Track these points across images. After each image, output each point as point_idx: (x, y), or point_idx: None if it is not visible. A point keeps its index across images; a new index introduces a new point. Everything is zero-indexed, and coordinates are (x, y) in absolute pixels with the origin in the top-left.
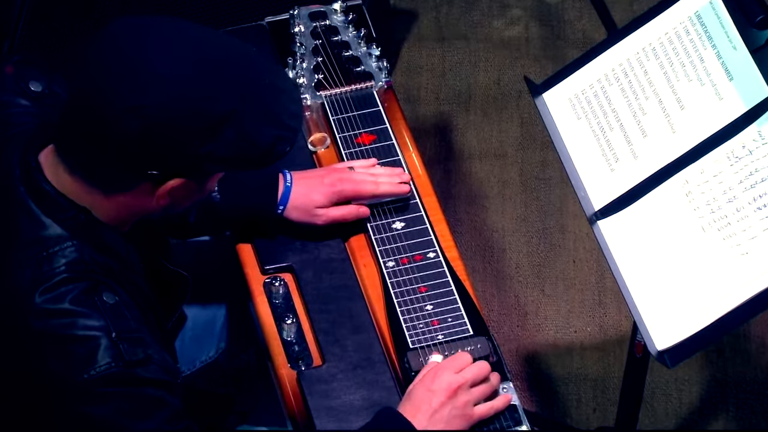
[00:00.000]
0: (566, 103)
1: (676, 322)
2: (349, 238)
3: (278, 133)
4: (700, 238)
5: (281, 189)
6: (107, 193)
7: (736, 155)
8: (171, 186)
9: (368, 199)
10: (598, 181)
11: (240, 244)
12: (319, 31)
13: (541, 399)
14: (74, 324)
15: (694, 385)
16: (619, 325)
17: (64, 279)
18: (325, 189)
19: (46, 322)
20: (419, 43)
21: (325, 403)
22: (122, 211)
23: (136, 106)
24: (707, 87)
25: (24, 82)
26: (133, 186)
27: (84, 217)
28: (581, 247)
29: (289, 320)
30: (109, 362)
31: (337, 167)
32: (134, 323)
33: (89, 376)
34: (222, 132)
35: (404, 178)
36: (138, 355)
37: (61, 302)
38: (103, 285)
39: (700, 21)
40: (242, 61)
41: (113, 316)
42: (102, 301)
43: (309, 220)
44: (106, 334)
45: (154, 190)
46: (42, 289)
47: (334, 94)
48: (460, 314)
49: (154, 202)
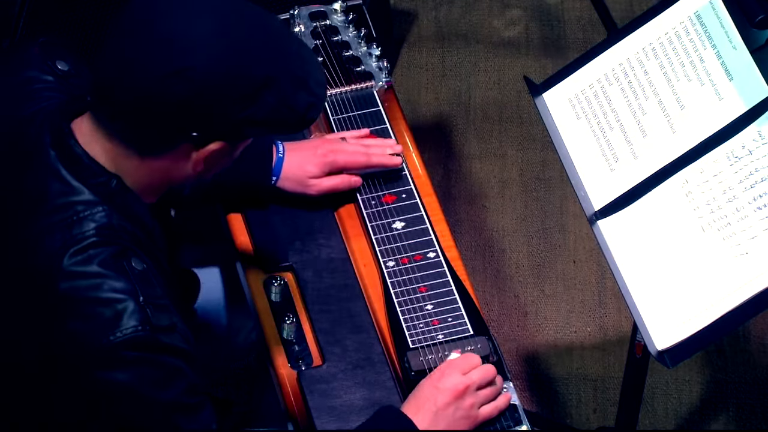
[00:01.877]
0: (566, 103)
1: (675, 322)
2: (350, 237)
3: (310, 99)
4: (699, 238)
5: (274, 160)
6: (144, 156)
7: (736, 155)
8: (210, 150)
9: (360, 170)
10: (598, 181)
11: (240, 241)
12: (319, 30)
13: (541, 399)
14: (102, 286)
15: (694, 385)
16: (619, 326)
17: (93, 243)
18: (318, 159)
19: (74, 284)
20: (419, 43)
21: (325, 403)
22: (156, 177)
23: (181, 68)
24: (707, 87)
25: (51, 60)
26: (172, 148)
27: (115, 184)
28: (581, 247)
29: (289, 320)
30: (136, 326)
31: (328, 137)
32: (161, 290)
33: (115, 338)
34: (262, 96)
35: (396, 149)
36: (164, 321)
37: (90, 264)
38: (131, 251)
39: (700, 21)
40: (275, 28)
41: (141, 281)
42: (130, 266)
43: (302, 191)
44: (133, 298)
45: (192, 153)
46: (71, 252)
47: (334, 94)
48: (460, 314)
49: (190, 166)
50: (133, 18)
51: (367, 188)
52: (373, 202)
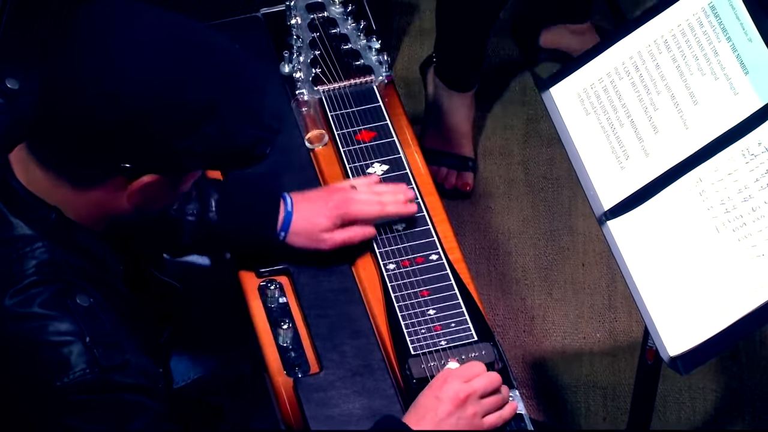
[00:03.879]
0: (574, 98)
1: (689, 326)
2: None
3: (259, 133)
4: (714, 238)
5: (282, 215)
6: (77, 187)
7: (752, 152)
8: (144, 182)
9: (374, 220)
10: (608, 179)
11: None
12: (316, 23)
13: (548, 407)
14: (46, 328)
15: (708, 393)
16: (630, 331)
17: (34, 282)
18: (329, 212)
19: (17, 327)
20: (421, 36)
21: (323, 412)
22: (93, 209)
23: (115, 93)
24: (721, 81)
25: (1, 78)
26: (104, 179)
27: (54, 217)
28: (591, 248)
29: (285, 325)
30: (84, 369)
31: (338, 187)
32: (110, 326)
33: (62, 384)
34: (201, 127)
35: (409, 195)
36: (114, 361)
37: (31, 306)
38: (76, 287)
39: (714, 12)
40: (225, 56)
41: (87, 320)
42: (75, 304)
43: (313, 246)
44: (79, 339)
45: (126, 185)
46: (12, 292)
47: (333, 89)
48: (464, 319)
49: (125, 199)
50: (74, 39)
51: None
52: None
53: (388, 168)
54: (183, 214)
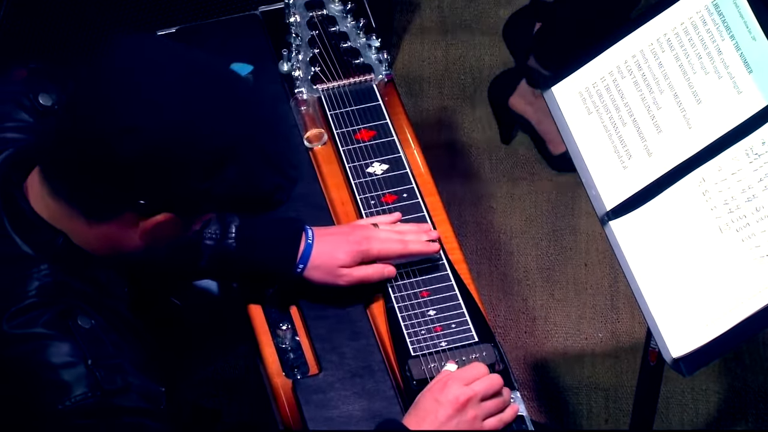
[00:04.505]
0: (576, 97)
1: (692, 328)
2: None
3: (279, 180)
4: (717, 239)
5: (302, 246)
6: (89, 220)
7: (756, 152)
8: (157, 221)
9: (395, 260)
10: (610, 179)
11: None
12: (315, 21)
13: (550, 409)
14: (48, 349)
15: (711, 394)
16: (633, 332)
17: (35, 303)
18: (350, 247)
19: (18, 349)
20: (421, 33)
21: (322, 414)
22: (102, 242)
23: (136, 127)
24: (725, 80)
25: (34, 93)
26: (117, 214)
27: (62, 241)
28: (593, 249)
29: (284, 326)
30: (86, 392)
31: (360, 224)
32: (112, 348)
33: (64, 407)
34: (223, 170)
35: (432, 235)
36: (116, 384)
37: (33, 326)
38: (78, 309)
39: (718, 10)
40: (250, 101)
41: (89, 342)
42: (76, 326)
43: (331, 281)
44: (81, 361)
45: (139, 222)
46: (12, 312)
47: (332, 87)
48: (465, 320)
49: (136, 237)
50: (98, 70)
51: (366, 187)
52: (373, 202)
53: (388, 167)
54: (201, 238)
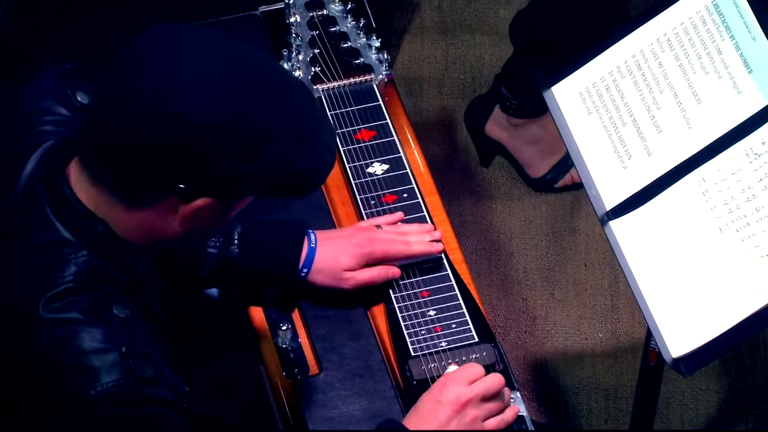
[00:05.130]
0: (576, 97)
1: (692, 328)
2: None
3: (314, 163)
4: (717, 239)
5: (305, 250)
6: (129, 206)
7: (756, 152)
8: (197, 206)
9: (399, 261)
10: (610, 179)
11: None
12: (315, 21)
13: (550, 409)
14: (81, 335)
15: (711, 394)
16: (633, 332)
17: (71, 289)
18: (353, 250)
19: (52, 333)
20: (421, 33)
21: (322, 414)
22: (142, 230)
23: (175, 111)
24: (725, 80)
25: (72, 90)
26: (157, 200)
27: (102, 229)
28: (593, 249)
29: (284, 326)
30: (118, 378)
31: (362, 226)
32: (145, 339)
33: (96, 393)
34: (261, 152)
35: (435, 235)
36: (148, 373)
37: (68, 312)
38: (113, 297)
39: (718, 10)
40: (286, 84)
41: (123, 330)
42: (112, 314)
43: (335, 284)
44: (115, 348)
45: (179, 208)
46: (48, 297)
47: (332, 87)
48: (465, 320)
49: (177, 223)
50: (134, 52)
51: (366, 188)
52: (373, 202)
53: (388, 167)
54: (205, 246)
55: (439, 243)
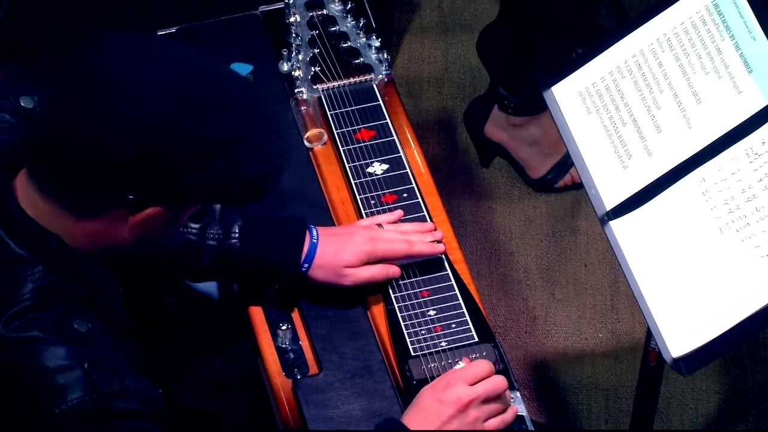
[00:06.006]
0: (576, 97)
1: (692, 328)
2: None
3: (265, 168)
4: (717, 239)
5: (307, 245)
6: (79, 217)
7: (756, 152)
8: (147, 215)
9: (400, 260)
10: (610, 179)
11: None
12: (315, 21)
13: (549, 409)
14: (43, 353)
15: (711, 394)
16: (633, 332)
17: (30, 306)
18: (355, 248)
19: (15, 352)
20: (421, 33)
21: (322, 414)
22: (92, 239)
23: (124, 124)
24: (725, 80)
25: (15, 96)
26: (106, 210)
27: (54, 243)
28: (593, 249)
29: (284, 326)
30: (82, 396)
31: (364, 224)
32: (108, 351)
33: (60, 411)
34: (211, 161)
35: (437, 235)
36: (113, 387)
37: (29, 330)
38: (74, 312)
39: (717, 10)
40: (236, 92)
41: (85, 345)
42: (72, 329)
43: (335, 281)
44: (78, 365)
45: (128, 217)
46: (8, 316)
47: (332, 87)
48: (465, 320)
49: (126, 232)
50: (84, 63)
51: (366, 187)
52: (373, 202)
53: (388, 167)
54: (204, 239)
55: (441, 244)
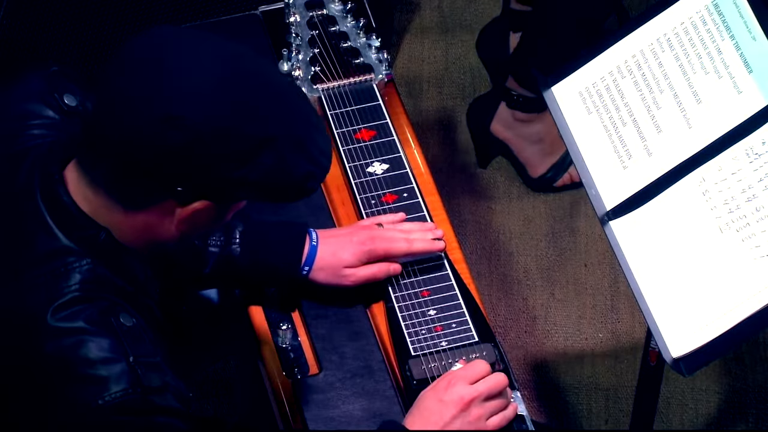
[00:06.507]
0: (576, 97)
1: (692, 328)
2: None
3: (311, 168)
4: (717, 239)
5: (306, 248)
6: (126, 209)
7: (756, 152)
8: (194, 208)
9: (400, 258)
10: (610, 179)
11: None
12: (315, 20)
13: (549, 409)
14: (88, 344)
15: (711, 394)
16: (633, 332)
17: (77, 298)
18: (355, 248)
19: (59, 342)
20: (421, 33)
21: (322, 414)
22: (140, 233)
23: (176, 116)
24: (725, 80)
25: (59, 93)
26: (155, 202)
27: (104, 237)
28: (593, 249)
29: (284, 326)
30: (126, 388)
31: (364, 224)
32: (152, 347)
33: (104, 402)
34: (259, 157)
35: (437, 233)
36: (155, 382)
37: (75, 320)
38: (120, 306)
39: (718, 10)
40: (285, 89)
41: (130, 339)
42: (119, 323)
43: (336, 282)
44: (123, 358)
45: (175, 210)
46: (55, 307)
47: (332, 87)
48: (465, 320)
49: (174, 226)
50: (134, 54)
51: (366, 187)
52: (373, 202)
53: (388, 167)
54: (206, 245)
55: (442, 241)
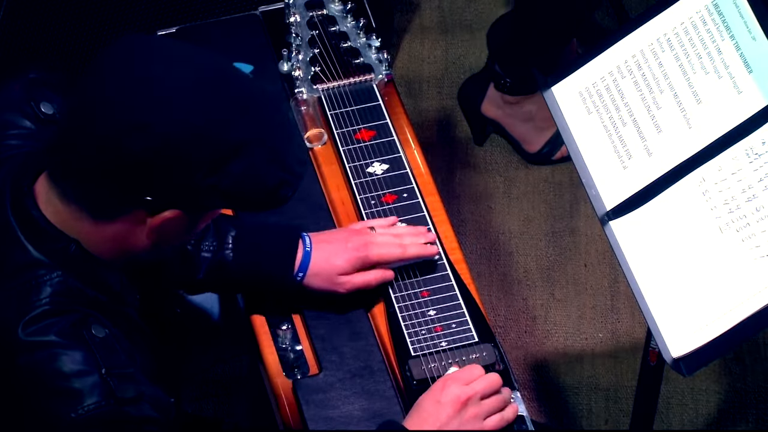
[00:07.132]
0: (576, 97)
1: (692, 328)
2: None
3: (284, 176)
4: (717, 239)
5: (300, 254)
6: (97, 220)
7: (756, 152)
8: (164, 218)
9: (394, 264)
10: (610, 179)
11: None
12: (315, 21)
13: (549, 409)
14: (61, 358)
15: (711, 395)
16: (633, 332)
17: (48, 311)
18: (349, 254)
19: (32, 357)
20: (421, 33)
21: (322, 414)
22: (111, 244)
23: (144, 124)
24: (725, 80)
25: (35, 102)
26: (125, 212)
27: (74, 249)
28: (593, 249)
29: (284, 326)
30: (99, 401)
31: (357, 229)
32: (125, 357)
33: (77, 415)
34: (229, 165)
35: (429, 237)
36: (129, 393)
37: (47, 335)
38: (92, 317)
39: (718, 10)
40: (256, 97)
41: (103, 351)
42: (91, 335)
43: (331, 288)
44: (95, 370)
45: (146, 220)
46: (26, 321)
47: (332, 87)
48: (465, 320)
49: (145, 236)
50: (105, 63)
51: (366, 187)
52: (373, 202)
53: (388, 167)
54: (199, 250)
55: (435, 246)
